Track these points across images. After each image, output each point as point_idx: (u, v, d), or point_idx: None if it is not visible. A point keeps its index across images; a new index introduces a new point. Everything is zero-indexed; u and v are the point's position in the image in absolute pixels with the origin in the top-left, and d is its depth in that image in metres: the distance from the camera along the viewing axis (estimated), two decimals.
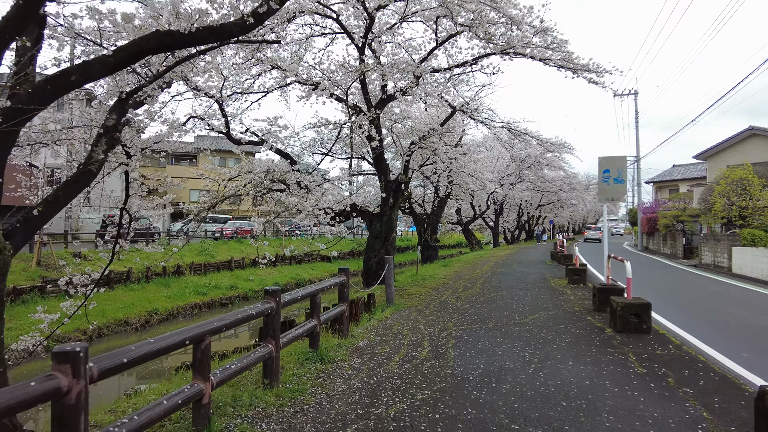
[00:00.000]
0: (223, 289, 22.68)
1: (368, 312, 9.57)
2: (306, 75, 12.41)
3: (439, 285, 12.51)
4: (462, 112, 15.22)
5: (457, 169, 17.53)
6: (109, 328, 16.33)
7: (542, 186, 35.23)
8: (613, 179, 9.18)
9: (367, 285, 13.25)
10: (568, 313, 8.48)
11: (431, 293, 11.14)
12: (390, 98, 12.75)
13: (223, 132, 12.01)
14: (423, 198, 22.49)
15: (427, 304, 9.72)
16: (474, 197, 26.78)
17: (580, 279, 12.35)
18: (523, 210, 41.33)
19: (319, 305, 5.95)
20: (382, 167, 12.90)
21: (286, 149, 13.10)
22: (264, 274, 27.04)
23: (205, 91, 11.69)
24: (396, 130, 14.14)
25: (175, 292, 20.62)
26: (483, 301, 9.95)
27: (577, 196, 42.66)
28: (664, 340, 6.57)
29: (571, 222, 59.64)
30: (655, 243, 32.58)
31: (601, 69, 11.66)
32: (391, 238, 13.03)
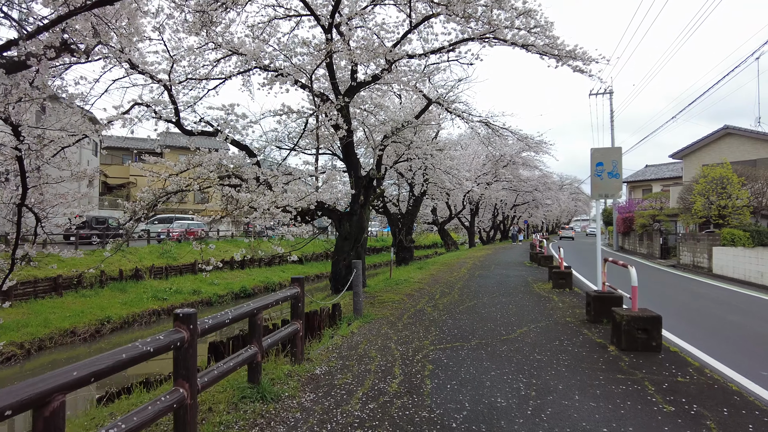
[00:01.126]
0: (185, 294, 21.03)
1: (333, 326, 8.26)
2: (268, 60, 11.06)
3: (414, 290, 11.28)
4: (438, 104, 14.05)
5: (432, 166, 16.36)
6: (53, 339, 14.61)
7: (518, 185, 34.45)
8: (606, 173, 8.11)
9: (336, 291, 11.93)
10: (560, 326, 7.33)
11: (405, 300, 9.90)
12: (360, 86, 11.47)
13: (172, 121, 10.57)
14: (398, 197, 21.27)
15: (400, 314, 8.47)
16: (450, 196, 25.72)
17: (565, 283, 11.28)
18: (498, 210, 40.54)
19: (260, 327, 4.62)
20: (352, 161, 11.60)
21: (245, 141, 11.70)
22: (231, 277, 25.43)
23: (151, 73, 10.25)
24: (368, 122, 12.86)
25: (132, 298, 18.92)
26: (463, 310, 8.74)
27: (552, 196, 42.14)
28: (680, 362, 5.44)
29: (545, 222, 59.34)
30: (630, 243, 32.08)
31: (588, 57, 10.64)
32: (363, 239, 11.75)
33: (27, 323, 14.87)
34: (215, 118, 11.44)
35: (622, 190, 14.31)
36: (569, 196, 56.33)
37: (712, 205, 19.50)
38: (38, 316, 15.52)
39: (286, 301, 5.53)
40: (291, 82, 10.99)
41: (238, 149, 11.27)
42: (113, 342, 15.92)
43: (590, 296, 7.64)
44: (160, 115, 10.38)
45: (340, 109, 10.77)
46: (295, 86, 11.49)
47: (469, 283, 12.63)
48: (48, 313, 15.95)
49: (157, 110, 10.33)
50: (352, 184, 11.11)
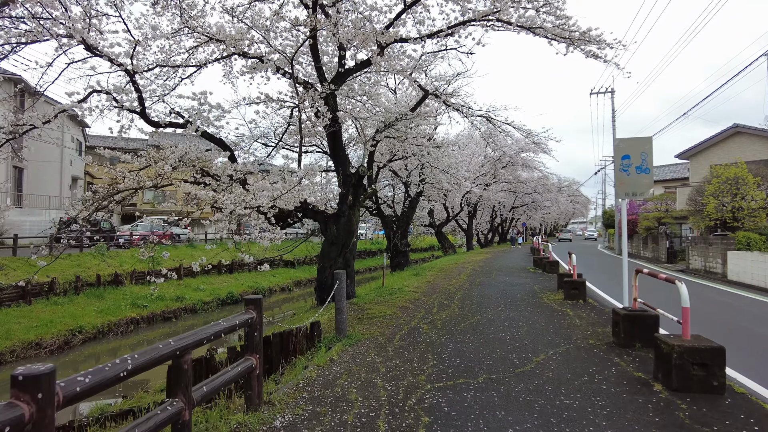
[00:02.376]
0: (167, 301, 19.60)
1: (312, 348, 6.90)
2: (247, 45, 9.72)
3: (408, 302, 9.91)
4: (435, 96, 12.71)
5: (429, 165, 15.01)
6: (14, 353, 13.17)
7: (517, 187, 33.12)
8: (634, 168, 6.79)
9: (321, 302, 10.54)
10: (584, 351, 5.98)
11: (398, 315, 8.54)
12: (349, 72, 10.13)
13: (136, 111, 9.21)
14: (392, 198, 19.91)
15: (391, 334, 7.10)
16: (447, 198, 24.37)
17: (578, 294, 9.93)
18: (496, 212, 39.20)
19: (188, 373, 3.25)
20: (339, 156, 10.24)
21: (220, 134, 10.35)
22: (218, 282, 24.02)
23: (110, 56, 8.88)
24: (358, 114, 11.51)
25: (109, 305, 17.49)
26: (465, 329, 7.37)
27: (551, 197, 40.82)
28: (758, 412, 4.08)
29: (543, 224, 58.06)
30: (634, 246, 30.80)
31: (602, 40, 9.35)
32: (352, 244, 10.39)
33: None
34: (186, 108, 10.11)
35: (651, 190, 12.31)
36: (567, 198, 55.10)
37: (725, 207, 18.23)
38: (1, 326, 14.09)
39: (234, 330, 4.16)
40: (272, 70, 9.65)
41: (212, 143, 9.92)
42: (85, 354, 14.53)
43: (618, 314, 6.28)
44: (122, 104, 9.00)
45: (326, 98, 9.43)
46: (277, 74, 10.17)
47: (470, 292, 11.26)
48: (12, 323, 14.52)
49: (117, 99, 8.96)
50: (340, 182, 9.76)
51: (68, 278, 17.99)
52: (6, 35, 8.36)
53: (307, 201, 9.93)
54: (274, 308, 23.57)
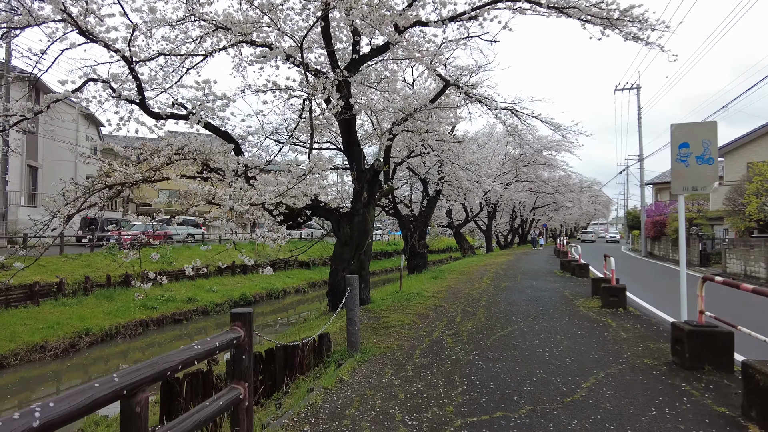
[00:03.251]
0: (178, 303, 18.96)
1: (319, 364, 6.02)
2: (255, 33, 8.92)
3: (428, 309, 8.98)
4: (456, 86, 11.77)
5: (449, 161, 14.05)
6: (18, 356, 12.59)
7: (539, 187, 31.90)
8: (695, 158, 5.77)
9: (333, 307, 9.68)
10: (642, 373, 4.98)
11: (418, 325, 7.62)
12: (364, 59, 9.25)
13: (135, 102, 8.46)
14: (410, 197, 18.96)
15: (411, 348, 6.19)
16: (466, 198, 23.35)
17: (618, 302, 8.87)
18: (516, 213, 37.94)
19: (142, 418, 2.38)
20: (353, 151, 9.36)
21: (226, 127, 9.59)
22: (231, 283, 23.35)
23: (105, 41, 8.12)
24: (374, 106, 10.63)
25: (119, 307, 16.89)
26: (496, 342, 6.42)
27: (574, 198, 39.41)
28: None
29: (564, 226, 56.51)
30: (661, 248, 29.32)
31: (646, 20, 8.32)
32: (366, 245, 9.50)
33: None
34: (189, 99, 9.35)
35: (716, 183, 10.80)
36: (589, 198, 53.46)
37: (767, 206, 16.89)
38: (6, 328, 13.55)
39: (215, 353, 3.30)
40: (282, 58, 8.83)
41: (216, 135, 9.14)
42: (92, 357, 13.92)
43: (680, 330, 5.26)
44: (119, 93, 8.24)
45: (339, 85, 8.57)
46: (288, 63, 9.37)
47: (496, 298, 10.27)
48: (18, 324, 13.98)
49: (115, 87, 8.20)
50: (354, 178, 8.89)
51: (77, 279, 17.47)
52: None
53: (318, 198, 9.09)
54: (288, 310, 22.88)
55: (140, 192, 31.76)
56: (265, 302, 23.09)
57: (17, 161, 23.57)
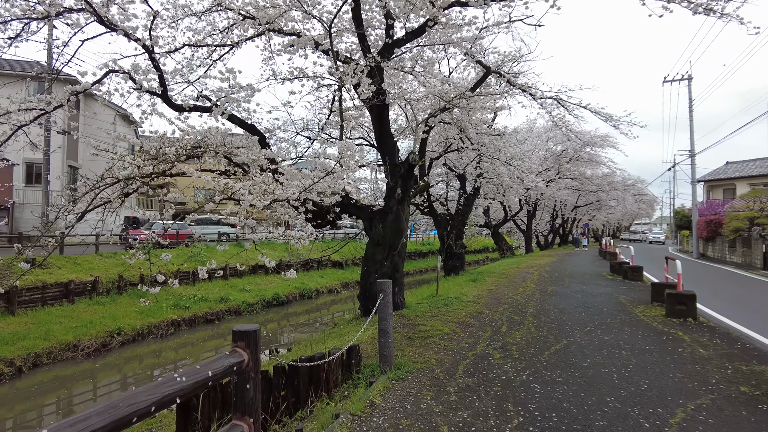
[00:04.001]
0: (210, 302, 18.70)
1: (348, 380, 5.29)
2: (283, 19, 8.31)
3: (469, 316, 8.12)
4: (498, 74, 10.85)
5: (489, 156, 13.10)
6: (51, 354, 12.45)
7: (582, 184, 30.31)
8: None
9: (365, 312, 8.96)
10: (745, 407, 4.01)
11: (459, 335, 6.78)
12: (398, 43, 8.49)
13: (157, 93, 7.97)
14: (445, 195, 18.05)
15: (452, 363, 5.38)
16: (506, 196, 22.24)
17: (687, 311, 7.76)
18: (557, 212, 36.31)
19: None
20: (386, 143, 8.61)
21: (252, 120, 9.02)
22: (265, 283, 23.04)
23: (125, 30, 7.64)
24: (409, 96, 9.84)
25: (151, 306, 16.69)
26: (551, 359, 5.52)
27: (618, 196, 37.44)
28: None
29: (606, 225, 54.11)
30: (716, 250, 27.29)
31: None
32: (400, 245, 8.72)
33: (26, 335, 12.82)
34: (213, 90, 8.83)
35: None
36: (632, 197, 50.95)
37: None
38: (41, 326, 13.49)
39: (203, 389, 2.60)
40: (311, 47, 8.17)
41: (241, 128, 8.57)
42: (123, 356, 13.71)
43: None
44: (140, 84, 7.75)
45: (371, 72, 7.83)
46: (317, 52, 8.72)
47: (543, 305, 9.31)
48: (54, 322, 13.92)
49: (136, 79, 7.70)
50: (387, 172, 8.13)
51: (112, 277, 17.42)
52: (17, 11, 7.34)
53: (348, 195, 8.38)
54: (321, 310, 22.43)
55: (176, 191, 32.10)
56: (298, 302, 22.68)
57: (58, 161, 23.98)
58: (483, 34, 10.42)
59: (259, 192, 5.48)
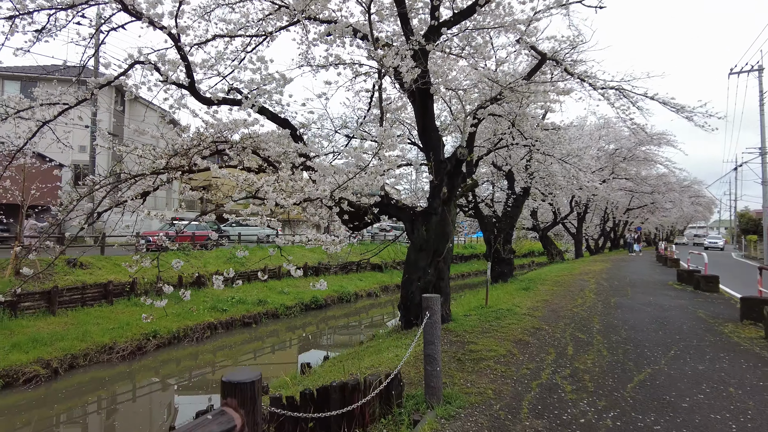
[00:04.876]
0: (248, 305, 18.26)
1: (387, 415, 4.40)
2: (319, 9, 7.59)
3: (526, 332, 7.07)
4: (555, 62, 9.74)
5: (544, 153, 11.92)
6: (87, 356, 12.22)
7: (636, 185, 28.30)
8: None
9: (406, 324, 8.05)
10: None
11: (516, 357, 5.78)
12: (445, 24, 7.58)
13: (184, 85, 7.38)
14: (491, 196, 16.90)
15: (513, 398, 4.40)
16: (555, 197, 20.82)
17: None
18: (608, 214, 34.20)
19: None
20: (430, 137, 7.68)
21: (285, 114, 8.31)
22: (303, 285, 22.46)
23: (150, 18, 7.07)
24: (457, 85, 8.88)
25: (188, 309, 16.42)
26: (638, 395, 4.43)
27: (675, 198, 34.91)
28: None
29: (660, 229, 50.94)
30: None
31: None
32: (446, 250, 7.77)
33: (64, 336, 12.67)
34: (243, 81, 8.18)
35: None
36: (689, 199, 47.67)
37: None
38: (79, 327, 13.34)
39: None
40: (349, 34, 7.38)
41: (273, 122, 7.86)
42: (159, 359, 13.38)
43: None
44: (167, 76, 7.15)
45: (414, 55, 6.94)
46: (355, 40, 7.96)
47: (610, 319, 8.11)
48: (91, 323, 13.76)
49: (162, 70, 7.09)
50: (431, 169, 7.21)
51: (150, 278, 17.24)
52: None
53: (388, 194, 7.51)
54: (360, 313, 21.73)
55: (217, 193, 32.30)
56: (336, 305, 22.04)
57: (104, 163, 24.34)
58: (538, 16, 9.34)
59: (286, 189, 4.69)
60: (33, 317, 13.50)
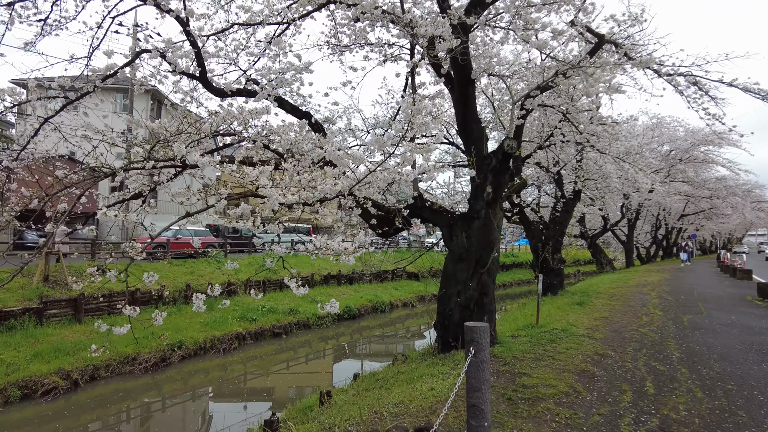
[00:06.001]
0: (279, 314, 17.47)
1: None
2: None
3: (589, 360, 5.80)
4: (613, 45, 8.43)
5: (599, 151, 10.53)
6: (109, 367, 11.67)
7: (695, 189, 26.02)
8: None
9: (443, 347, 6.88)
10: None
11: (582, 396, 4.55)
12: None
13: (195, 76, 6.57)
14: (537, 201, 15.50)
15: None
16: (605, 201, 19.10)
17: None
18: (660, 221, 31.74)
19: None
20: (471, 129, 6.54)
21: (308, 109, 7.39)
22: (336, 294, 21.56)
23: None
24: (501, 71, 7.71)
25: (216, 318, 15.75)
26: None
27: (736, 203, 32.09)
28: None
29: (717, 237, 47.40)
30: None
31: None
32: (491, 260, 6.60)
33: (87, 345, 12.16)
34: (259, 70, 7.32)
35: None
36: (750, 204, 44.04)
37: None
38: (103, 336, 12.84)
39: None
40: (378, 17, 6.40)
41: (293, 115, 6.94)
42: (184, 371, 12.72)
43: None
44: (175, 65, 6.33)
45: (454, 29, 5.85)
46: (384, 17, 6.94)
47: (690, 345, 6.69)
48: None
49: (169, 59, 6.28)
50: (471, 164, 6.07)
51: (179, 286, 16.74)
52: None
53: (421, 195, 6.43)
54: (396, 324, 20.67)
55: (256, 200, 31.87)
56: (370, 315, 21.02)
57: None
58: None
59: (290, 185, 3.69)
60: (59, 325, 13.12)
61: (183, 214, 4.90)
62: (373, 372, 10.27)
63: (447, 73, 6.81)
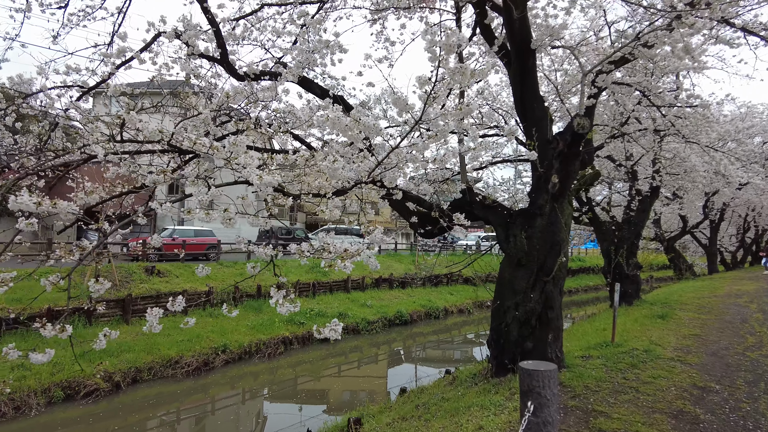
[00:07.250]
0: (328, 318, 16.62)
1: None
2: None
3: (686, 397, 4.50)
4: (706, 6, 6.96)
5: (685, 139, 8.94)
6: (151, 370, 11.44)
7: None
8: None
9: (498, 369, 5.74)
10: None
11: None
12: None
13: (215, 58, 5.94)
14: (608, 199, 13.82)
15: None
16: (684, 200, 16.90)
17: None
18: (749, 222, 28.24)
19: None
20: (532, 108, 5.41)
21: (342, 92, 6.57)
22: (388, 298, 20.74)
23: None
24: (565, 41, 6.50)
25: (263, 321, 15.34)
26: None
27: None
28: None
29: None
30: None
31: None
32: (558, 265, 5.43)
33: (131, 346, 12.03)
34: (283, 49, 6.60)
35: None
36: None
37: None
38: (148, 338, 12.66)
39: None
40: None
41: (319, 98, 6.12)
42: (227, 375, 12.33)
43: None
44: (194, 46, 5.67)
45: None
46: None
47: None
48: (161, 335, 13.03)
49: (189, 42, 5.62)
50: (532, 146, 4.94)
51: (227, 288, 16.48)
52: None
53: (471, 188, 5.36)
54: (451, 330, 19.60)
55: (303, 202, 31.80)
56: (423, 321, 19.99)
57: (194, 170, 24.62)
58: None
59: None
60: (107, 325, 13.07)
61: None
62: (420, 387, 9.30)
63: (502, 44, 5.74)
